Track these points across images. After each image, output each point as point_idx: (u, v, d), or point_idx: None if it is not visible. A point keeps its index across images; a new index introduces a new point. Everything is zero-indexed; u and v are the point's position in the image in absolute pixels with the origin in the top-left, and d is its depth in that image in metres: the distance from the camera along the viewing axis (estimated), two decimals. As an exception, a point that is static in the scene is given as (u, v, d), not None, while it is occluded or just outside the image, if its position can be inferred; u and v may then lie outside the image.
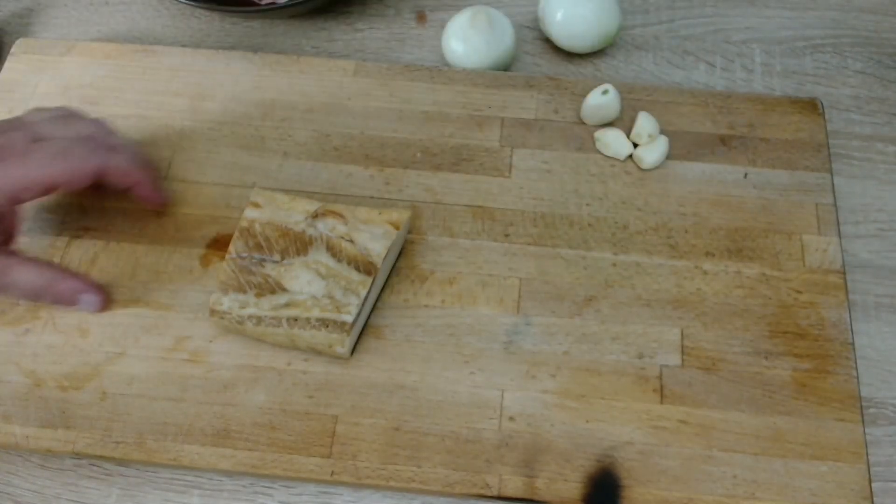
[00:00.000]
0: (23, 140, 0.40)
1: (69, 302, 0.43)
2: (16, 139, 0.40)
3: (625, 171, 0.49)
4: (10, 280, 0.40)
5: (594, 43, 0.54)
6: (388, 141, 0.50)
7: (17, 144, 0.39)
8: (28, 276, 0.41)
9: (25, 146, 0.39)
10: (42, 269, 0.42)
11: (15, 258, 0.41)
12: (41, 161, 0.39)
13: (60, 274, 0.42)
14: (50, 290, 0.42)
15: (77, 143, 0.41)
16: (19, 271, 0.41)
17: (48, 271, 0.42)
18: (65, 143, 0.41)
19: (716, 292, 0.45)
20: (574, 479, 0.40)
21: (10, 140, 0.40)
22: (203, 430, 0.41)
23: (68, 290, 0.42)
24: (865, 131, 0.53)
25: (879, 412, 0.44)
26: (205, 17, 0.59)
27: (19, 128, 0.41)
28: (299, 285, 0.41)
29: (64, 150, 0.40)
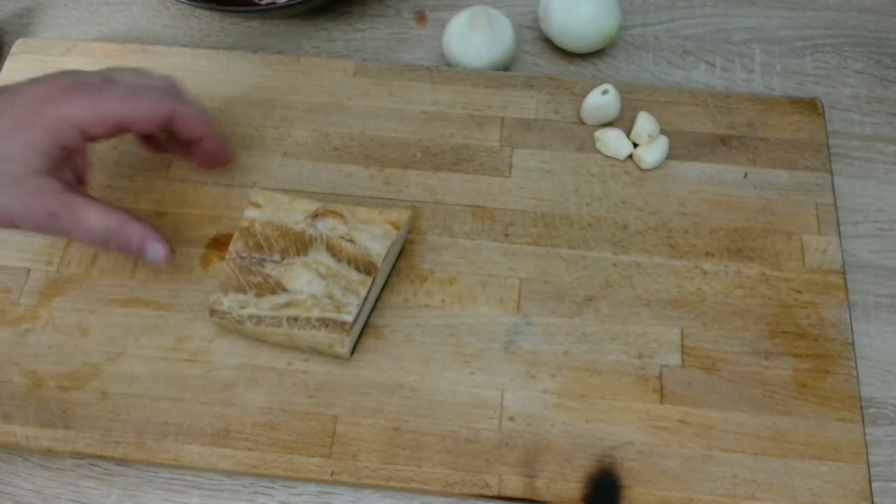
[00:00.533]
0: (97, 78, 0.39)
1: (138, 249, 0.40)
2: (89, 77, 0.39)
3: (625, 171, 0.49)
4: (78, 219, 0.38)
5: (594, 43, 0.54)
6: (388, 141, 0.50)
7: (91, 81, 0.39)
8: (97, 216, 0.39)
9: (98, 83, 0.39)
10: (112, 211, 0.39)
11: (84, 198, 0.39)
12: (114, 97, 0.39)
13: (131, 218, 0.40)
14: (118, 234, 0.39)
15: (149, 86, 0.41)
16: (87, 211, 0.39)
17: (119, 213, 0.40)
18: (139, 84, 0.41)
19: (716, 292, 0.45)
20: (574, 479, 0.40)
21: (84, 77, 0.39)
22: (203, 430, 0.41)
23: (138, 235, 0.40)
24: (865, 131, 0.53)
25: (879, 412, 0.44)
26: (205, 17, 0.59)
27: (94, 71, 0.41)
28: (299, 285, 0.41)
29: (137, 90, 0.40)
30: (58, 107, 0.38)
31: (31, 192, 0.37)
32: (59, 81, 0.39)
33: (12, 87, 0.39)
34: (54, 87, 0.38)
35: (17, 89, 0.38)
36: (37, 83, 0.39)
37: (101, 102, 0.38)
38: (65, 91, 0.38)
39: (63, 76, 0.39)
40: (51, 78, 0.39)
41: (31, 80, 0.39)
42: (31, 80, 0.39)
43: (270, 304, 0.41)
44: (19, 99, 0.38)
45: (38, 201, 0.37)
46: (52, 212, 0.38)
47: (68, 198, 0.38)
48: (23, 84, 0.39)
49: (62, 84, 0.39)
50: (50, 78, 0.39)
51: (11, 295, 0.45)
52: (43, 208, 0.38)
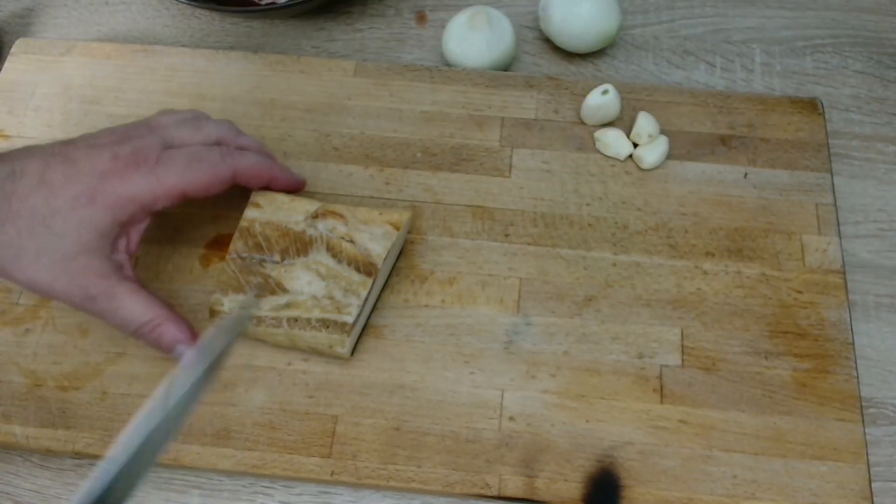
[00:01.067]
0: (155, 146, 0.38)
1: (167, 346, 0.39)
2: (148, 146, 0.38)
3: (625, 171, 0.49)
4: (115, 308, 0.38)
5: (594, 43, 0.54)
6: (388, 141, 0.50)
7: (149, 151, 0.38)
8: (134, 309, 0.38)
9: (158, 153, 0.38)
10: (150, 306, 0.38)
11: (127, 285, 0.38)
12: (175, 169, 0.38)
13: (167, 314, 0.39)
14: (152, 332, 0.38)
15: (209, 150, 0.40)
16: (125, 303, 0.38)
17: (156, 308, 0.38)
18: (197, 150, 0.39)
19: (716, 292, 0.45)
20: (574, 479, 0.40)
21: (143, 146, 0.38)
22: (203, 430, 0.41)
23: (171, 338, 0.39)
24: (865, 131, 0.53)
25: (879, 412, 0.44)
26: (205, 17, 0.59)
27: (149, 133, 0.39)
28: (300, 286, 0.41)
29: (197, 157, 0.39)
30: (120, 183, 0.37)
31: (75, 272, 0.36)
32: (119, 152, 0.37)
33: (70, 154, 0.37)
34: (114, 160, 0.37)
35: (76, 157, 0.37)
36: (95, 151, 0.37)
37: (165, 177, 0.38)
38: (126, 165, 0.37)
39: (121, 143, 0.38)
40: (109, 145, 0.38)
41: (87, 146, 0.38)
42: (88, 145, 0.38)
43: (271, 305, 0.41)
44: (77, 170, 0.37)
45: (81, 283, 0.37)
46: (91, 295, 0.37)
47: (110, 284, 0.37)
48: (80, 149, 0.37)
49: (122, 155, 0.37)
50: (108, 146, 0.38)
51: (11, 295, 0.45)
52: (83, 291, 0.37)
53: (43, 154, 0.37)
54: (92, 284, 0.37)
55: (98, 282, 0.37)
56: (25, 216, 0.36)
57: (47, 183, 0.36)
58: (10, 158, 0.37)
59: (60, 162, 0.37)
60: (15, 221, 0.35)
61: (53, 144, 0.38)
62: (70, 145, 0.38)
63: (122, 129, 0.39)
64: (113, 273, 0.38)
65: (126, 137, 0.39)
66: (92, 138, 0.39)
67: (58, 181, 0.36)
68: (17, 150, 0.37)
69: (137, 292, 0.38)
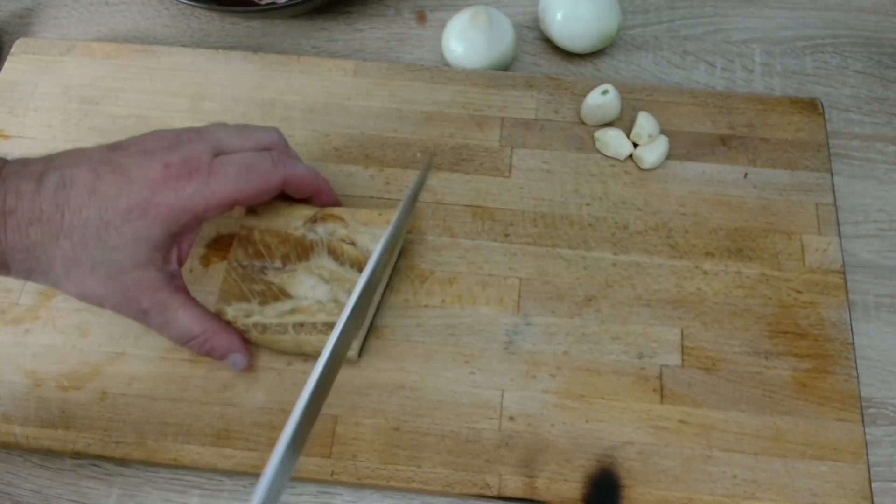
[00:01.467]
0: (206, 153, 0.38)
1: (220, 356, 0.40)
2: (199, 153, 0.37)
3: (625, 171, 0.49)
4: (167, 321, 0.38)
5: (594, 43, 0.54)
6: (388, 141, 0.50)
7: (201, 159, 0.37)
8: (186, 322, 0.39)
9: (209, 161, 0.37)
10: (202, 318, 0.39)
11: (179, 297, 0.39)
12: (227, 178, 0.37)
13: (218, 327, 0.40)
14: (204, 343, 0.39)
15: (260, 156, 0.39)
16: (177, 315, 0.38)
17: (208, 321, 0.39)
18: (248, 157, 0.39)
19: (716, 292, 0.45)
20: (574, 479, 0.40)
21: (194, 154, 0.37)
22: (203, 430, 0.41)
23: (223, 348, 0.40)
24: (865, 131, 0.53)
25: (879, 412, 0.44)
26: (205, 17, 0.59)
27: (199, 139, 0.39)
28: (303, 291, 0.41)
29: (249, 164, 0.38)
30: (173, 194, 0.36)
31: (129, 285, 0.36)
32: (170, 160, 0.37)
33: (120, 162, 0.36)
34: (166, 169, 0.36)
35: (126, 166, 0.36)
36: (146, 159, 0.37)
37: (217, 186, 0.37)
38: (178, 174, 0.36)
39: (172, 151, 0.37)
40: (159, 152, 0.37)
41: (137, 152, 0.37)
42: (138, 152, 0.37)
43: (275, 312, 0.41)
44: (128, 180, 0.36)
45: (134, 296, 0.37)
46: (144, 309, 0.37)
47: (163, 297, 0.38)
48: (130, 157, 0.37)
49: (173, 164, 0.37)
50: (158, 152, 0.37)
51: (11, 295, 0.45)
52: (136, 304, 0.37)
53: (90, 162, 0.36)
54: (145, 298, 0.37)
55: (151, 295, 0.37)
56: (79, 229, 0.35)
57: (99, 194, 0.35)
58: (58, 166, 0.36)
59: (111, 171, 0.36)
60: (69, 235, 0.35)
61: (99, 150, 0.38)
62: (118, 151, 0.37)
63: (172, 135, 0.39)
64: (165, 285, 0.38)
65: (176, 143, 0.38)
66: (140, 143, 0.38)
67: (110, 192, 0.36)
68: (61, 156, 0.37)
69: (188, 304, 0.39)
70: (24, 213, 0.35)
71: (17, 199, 0.35)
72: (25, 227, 0.35)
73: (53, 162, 0.36)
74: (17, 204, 0.35)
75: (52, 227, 0.35)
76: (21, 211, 0.35)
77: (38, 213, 0.35)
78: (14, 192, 0.35)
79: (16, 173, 0.35)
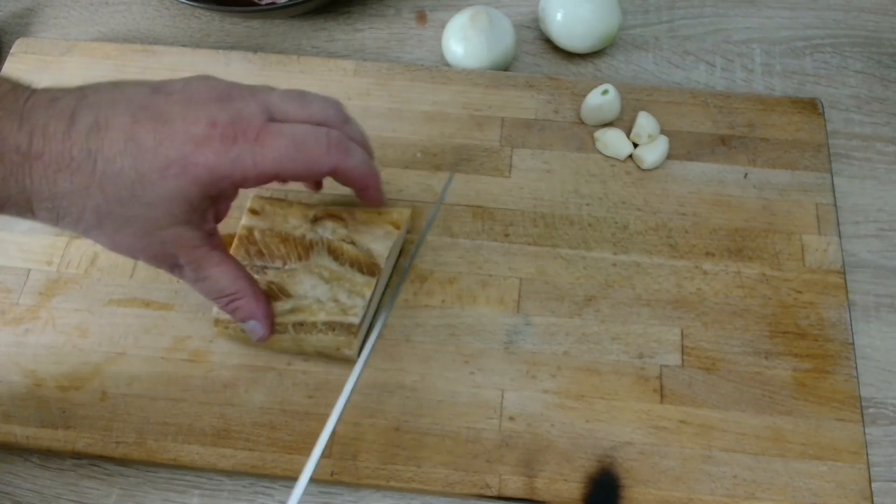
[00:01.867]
0: (258, 116, 0.35)
1: (241, 318, 0.39)
2: (250, 114, 0.34)
3: (625, 171, 0.49)
4: (200, 277, 0.37)
5: (594, 43, 0.54)
6: (388, 141, 0.50)
7: (251, 122, 0.34)
8: (219, 280, 0.37)
9: (259, 125, 0.34)
10: (235, 278, 0.38)
11: (216, 255, 0.37)
12: (275, 151, 0.34)
13: (249, 289, 0.38)
14: (231, 303, 0.38)
15: (314, 135, 0.36)
16: (211, 272, 0.37)
17: (239, 281, 0.38)
18: (303, 132, 0.35)
19: (716, 292, 0.45)
20: (574, 479, 0.40)
21: (245, 114, 0.34)
22: (203, 430, 0.41)
23: (246, 311, 0.39)
24: (865, 131, 0.53)
25: (879, 412, 0.44)
26: (205, 17, 0.59)
27: (252, 98, 0.35)
28: (303, 290, 0.41)
29: (302, 141, 0.35)
30: (214, 157, 0.33)
31: (166, 241, 0.34)
32: (218, 117, 0.34)
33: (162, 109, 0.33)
34: (212, 127, 0.33)
35: (169, 115, 0.33)
36: (191, 111, 0.34)
37: (262, 158, 0.34)
38: (223, 135, 0.33)
39: (221, 105, 0.34)
40: (206, 105, 0.34)
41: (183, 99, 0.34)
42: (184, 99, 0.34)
43: (275, 311, 0.41)
44: (170, 132, 0.33)
45: (171, 252, 0.35)
46: (179, 265, 0.36)
47: (199, 254, 0.36)
48: (174, 104, 0.34)
49: (220, 122, 0.34)
50: (205, 105, 0.34)
51: (11, 295, 0.45)
52: (172, 260, 0.35)
53: (129, 104, 0.33)
54: (182, 254, 0.35)
55: (188, 251, 0.35)
56: (111, 179, 0.32)
57: (137, 142, 0.32)
58: (92, 104, 0.33)
59: (151, 117, 0.33)
60: (102, 187, 0.32)
61: (140, 88, 0.34)
62: (161, 94, 0.34)
63: (223, 86, 0.35)
64: (203, 243, 0.36)
65: (227, 98, 0.35)
66: (187, 88, 0.35)
67: (148, 143, 0.32)
68: (95, 91, 0.34)
69: (224, 262, 0.37)
70: (52, 157, 0.32)
71: (45, 141, 0.32)
72: (53, 175, 0.32)
73: (87, 98, 0.33)
74: (45, 147, 0.32)
75: (82, 177, 0.32)
76: (49, 155, 0.32)
77: (67, 160, 0.32)
78: (41, 131, 0.32)
79: (42, 107, 0.32)
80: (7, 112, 0.31)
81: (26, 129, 0.31)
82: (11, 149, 0.31)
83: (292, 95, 0.37)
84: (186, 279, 0.37)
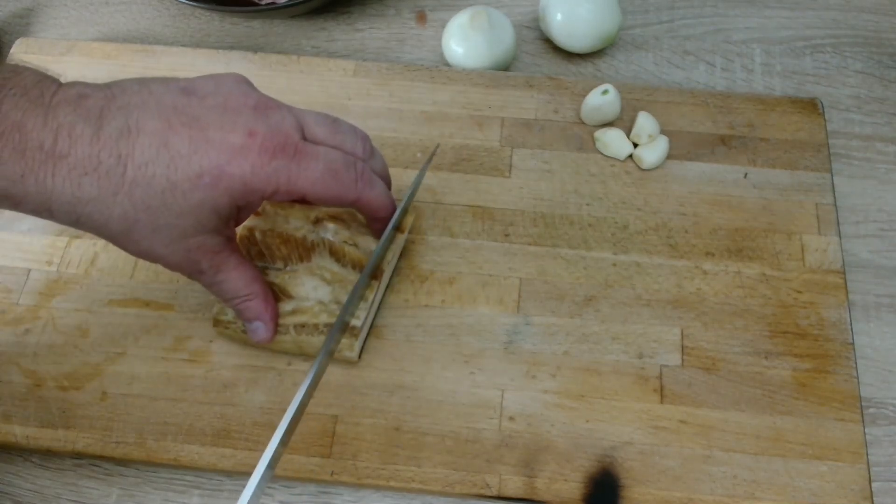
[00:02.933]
0: (294, 132, 0.35)
1: (248, 319, 0.40)
2: (288, 129, 0.34)
3: (625, 171, 0.49)
4: (218, 280, 0.37)
5: (594, 43, 0.54)
6: (388, 141, 0.50)
7: (289, 138, 0.34)
8: (235, 283, 0.38)
9: (296, 143, 0.34)
10: (248, 281, 0.38)
11: (234, 258, 0.37)
12: (309, 174, 0.34)
13: (260, 291, 0.39)
14: (241, 304, 0.39)
15: (345, 164, 0.36)
16: (228, 277, 0.37)
17: (252, 284, 0.38)
18: (336, 161, 0.36)
19: (716, 292, 0.45)
20: (574, 479, 0.40)
21: (282, 129, 0.34)
22: (203, 430, 0.41)
23: (253, 312, 0.39)
24: (865, 131, 0.53)
25: (879, 412, 0.44)
26: (205, 17, 0.59)
27: (289, 113, 0.35)
28: (305, 291, 0.41)
29: (335, 169, 0.35)
30: (250, 170, 0.33)
31: (191, 248, 0.35)
32: (256, 128, 0.33)
33: (197, 115, 0.33)
34: (250, 137, 0.33)
35: (205, 122, 0.33)
36: (228, 119, 0.33)
37: (296, 178, 0.34)
38: (261, 148, 0.33)
39: (258, 116, 0.34)
40: (243, 113, 0.34)
41: (218, 105, 0.33)
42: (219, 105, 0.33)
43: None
44: (205, 140, 0.32)
45: (195, 258, 0.35)
46: (201, 269, 0.36)
47: (220, 259, 0.36)
48: (209, 110, 0.33)
49: (258, 133, 0.33)
50: (243, 113, 0.34)
51: (11, 295, 0.45)
52: (195, 265, 0.36)
53: (161, 107, 0.32)
54: (205, 260, 0.36)
55: (210, 257, 0.36)
56: (142, 186, 0.32)
57: (170, 149, 0.32)
58: (122, 106, 0.32)
59: (185, 123, 0.32)
60: (130, 193, 0.32)
61: (170, 89, 0.33)
62: (194, 97, 0.33)
63: (257, 95, 0.35)
64: (224, 248, 0.36)
65: (264, 108, 0.34)
66: (220, 92, 0.34)
67: (182, 150, 0.32)
68: (124, 90, 0.33)
69: (242, 265, 0.38)
70: (78, 159, 0.31)
71: (71, 141, 0.30)
72: (78, 178, 0.31)
73: (116, 99, 0.32)
74: (71, 148, 0.30)
75: (110, 182, 0.31)
76: (75, 157, 0.30)
77: (94, 164, 0.31)
78: (67, 131, 0.30)
79: (69, 103, 0.31)
80: (33, 105, 0.30)
81: (51, 127, 0.30)
82: (35, 145, 0.30)
83: (325, 120, 0.37)
84: (205, 283, 0.38)
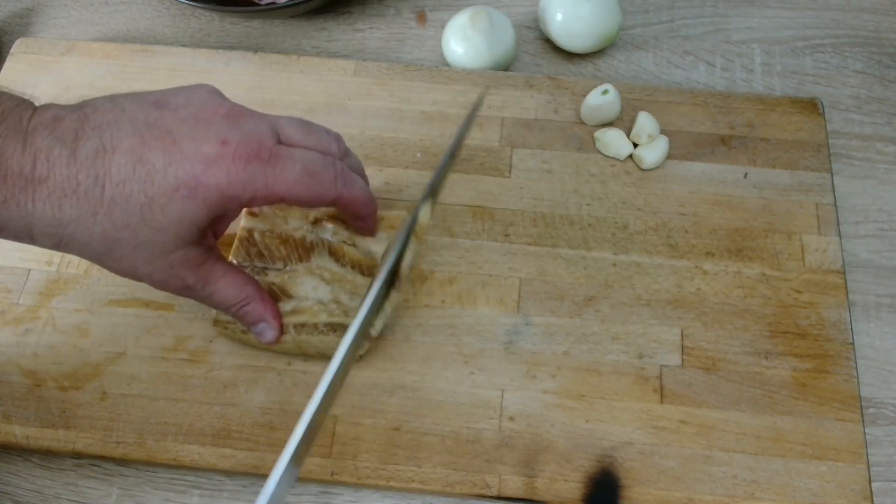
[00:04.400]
0: (268, 137, 0.35)
1: (250, 323, 0.40)
2: (261, 135, 0.34)
3: (625, 171, 0.49)
4: (210, 292, 0.37)
5: (594, 43, 0.54)
6: (388, 141, 0.50)
7: (263, 143, 0.34)
8: (227, 291, 0.38)
9: (271, 147, 0.34)
10: (241, 286, 0.38)
11: (220, 267, 0.37)
12: (286, 176, 0.34)
13: (256, 294, 0.39)
14: (240, 309, 0.39)
15: (322, 164, 0.36)
16: (219, 286, 0.37)
17: (247, 287, 0.38)
18: (313, 161, 0.36)
19: (716, 292, 0.45)
20: (574, 479, 0.40)
21: (256, 135, 0.34)
22: (203, 430, 0.41)
23: (256, 315, 0.39)
24: (865, 131, 0.53)
25: (879, 412, 0.44)
26: (205, 17, 0.59)
27: (262, 119, 0.36)
28: (305, 291, 0.41)
29: (312, 169, 0.35)
30: (225, 178, 0.33)
31: (173, 263, 0.35)
32: (229, 136, 0.33)
33: (170, 128, 0.33)
34: (223, 146, 0.33)
35: (177, 135, 0.33)
36: (201, 130, 0.33)
37: (273, 181, 0.34)
38: (235, 155, 0.33)
39: (231, 125, 0.34)
40: (216, 123, 0.34)
41: (190, 117, 0.34)
42: (191, 117, 0.34)
43: None
44: (179, 152, 0.32)
45: (179, 274, 0.35)
46: (188, 285, 0.36)
47: (206, 270, 0.36)
48: (182, 122, 0.33)
49: (232, 142, 0.33)
50: (215, 123, 0.34)
51: (11, 295, 0.45)
52: (181, 281, 0.36)
53: (134, 123, 0.33)
54: (190, 274, 0.36)
55: (195, 270, 0.36)
56: (121, 205, 0.32)
57: (145, 164, 0.32)
58: (96, 126, 0.32)
59: (158, 137, 0.32)
60: (110, 212, 0.32)
61: (142, 104, 0.34)
62: (166, 110, 0.34)
63: (229, 104, 0.35)
64: (206, 259, 0.36)
65: (237, 116, 0.35)
66: (191, 103, 0.34)
67: (157, 164, 0.32)
68: (96, 109, 0.33)
69: (229, 274, 0.38)
70: (57, 182, 0.31)
71: (49, 164, 0.31)
72: (58, 200, 0.31)
73: (89, 119, 0.32)
74: (50, 171, 0.31)
75: (89, 202, 0.32)
76: (54, 180, 0.31)
77: (73, 186, 0.31)
78: (45, 155, 0.31)
79: (45, 127, 0.31)
80: (11, 131, 0.31)
81: (30, 152, 0.31)
82: (15, 171, 0.30)
83: (297, 122, 0.37)
84: (198, 298, 0.37)
